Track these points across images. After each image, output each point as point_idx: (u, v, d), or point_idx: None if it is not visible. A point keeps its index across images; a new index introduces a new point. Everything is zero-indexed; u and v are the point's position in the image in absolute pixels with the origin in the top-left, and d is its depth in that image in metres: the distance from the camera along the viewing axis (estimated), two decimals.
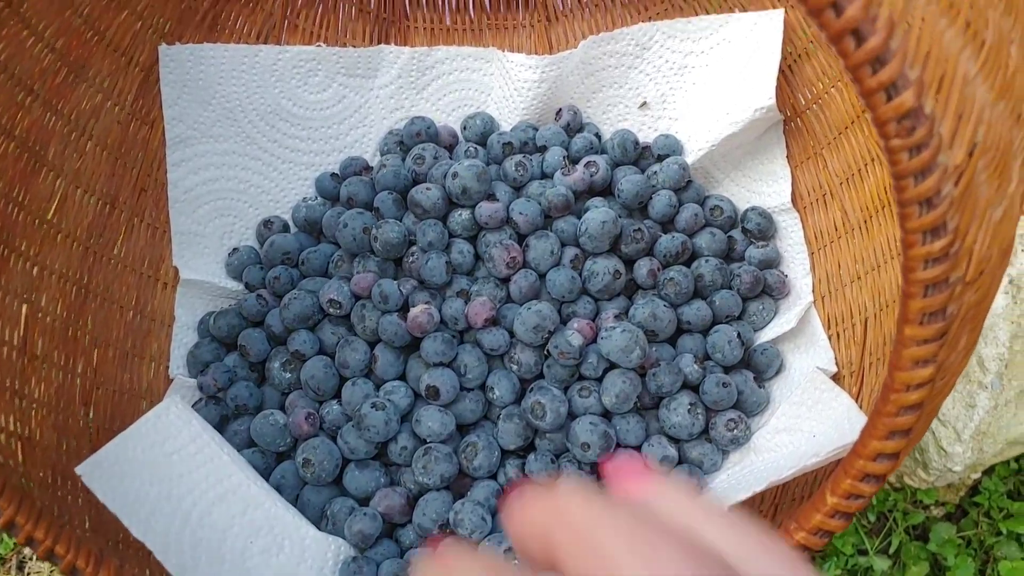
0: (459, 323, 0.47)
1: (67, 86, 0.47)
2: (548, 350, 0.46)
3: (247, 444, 0.49)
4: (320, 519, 0.46)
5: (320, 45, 0.55)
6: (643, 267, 0.50)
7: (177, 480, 0.42)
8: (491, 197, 0.50)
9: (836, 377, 0.45)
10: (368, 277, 0.48)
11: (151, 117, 0.52)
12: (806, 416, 0.43)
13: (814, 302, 0.48)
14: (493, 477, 0.46)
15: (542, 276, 0.49)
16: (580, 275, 0.49)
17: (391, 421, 0.45)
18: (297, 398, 0.50)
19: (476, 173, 0.49)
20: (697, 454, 0.46)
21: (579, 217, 0.50)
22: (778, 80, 0.49)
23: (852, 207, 0.47)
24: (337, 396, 0.49)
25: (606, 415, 0.46)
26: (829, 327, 0.47)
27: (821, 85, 0.49)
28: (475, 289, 0.49)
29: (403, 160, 0.55)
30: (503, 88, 0.56)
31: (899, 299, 0.27)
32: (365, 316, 0.48)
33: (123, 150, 0.51)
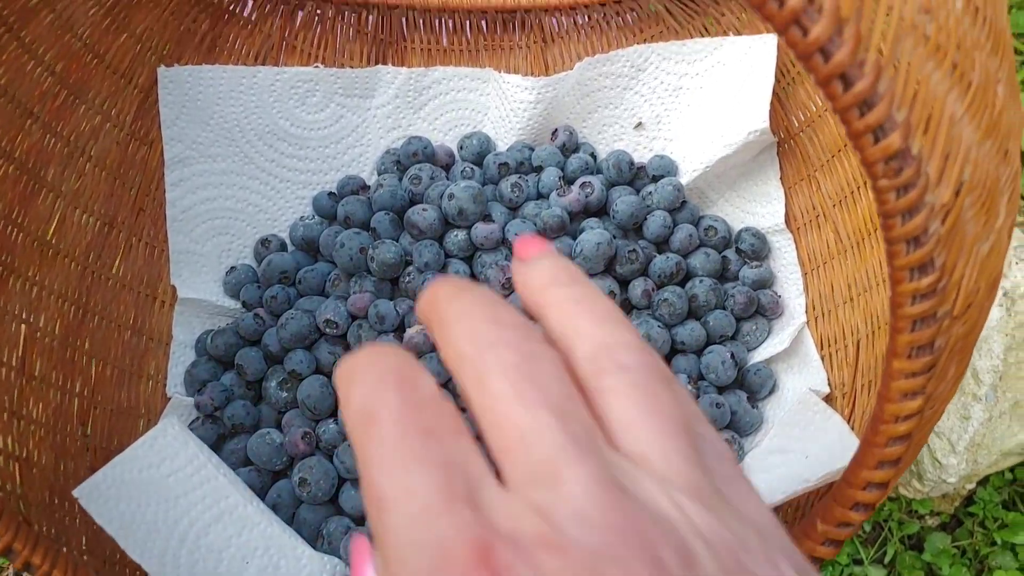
0: None
1: (67, 108, 0.48)
2: None
3: (243, 463, 0.49)
4: (316, 538, 0.46)
5: (318, 66, 0.56)
6: (638, 287, 0.50)
7: (174, 501, 0.42)
8: (487, 218, 0.51)
9: (829, 398, 0.45)
10: (365, 297, 0.49)
11: (150, 138, 0.53)
12: (799, 437, 0.43)
13: (807, 323, 0.49)
14: None
15: None
16: None
17: None
18: (293, 417, 0.50)
19: (472, 194, 0.49)
20: None
21: (574, 238, 0.50)
22: (772, 103, 0.49)
23: (844, 229, 0.48)
24: (333, 415, 0.49)
25: None
26: (822, 348, 0.48)
27: (814, 108, 0.50)
28: None
29: (400, 180, 0.55)
30: (499, 108, 0.56)
31: (888, 332, 0.28)
32: (362, 336, 0.49)
33: (122, 170, 0.51)
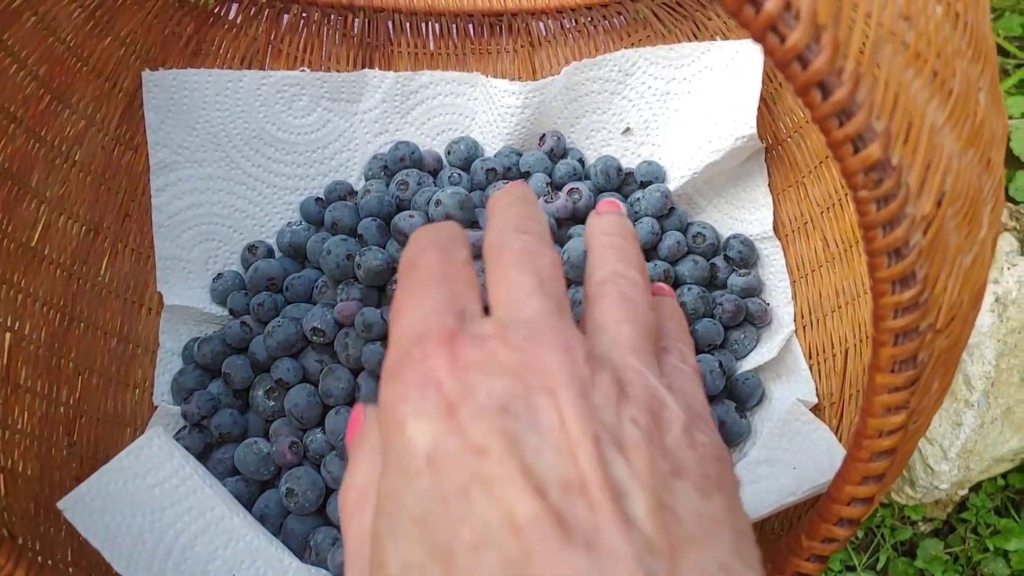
0: None
1: (50, 113, 0.47)
2: None
3: (231, 472, 0.49)
4: (304, 549, 0.46)
5: (304, 70, 0.55)
6: None
7: (159, 513, 0.42)
8: (474, 224, 0.50)
9: (817, 408, 0.45)
10: (352, 305, 0.48)
11: (135, 142, 0.52)
12: (786, 449, 0.43)
13: (795, 331, 0.49)
14: None
15: None
16: None
17: None
18: (281, 426, 0.49)
19: (459, 201, 0.49)
20: None
21: (562, 244, 0.50)
22: (759, 108, 0.49)
23: (833, 237, 0.47)
24: (320, 424, 0.49)
25: None
26: (810, 357, 0.47)
27: (801, 114, 0.50)
28: None
29: (387, 185, 0.55)
30: (487, 113, 0.56)
31: (871, 346, 0.27)
32: (348, 344, 0.48)
33: (107, 176, 0.51)
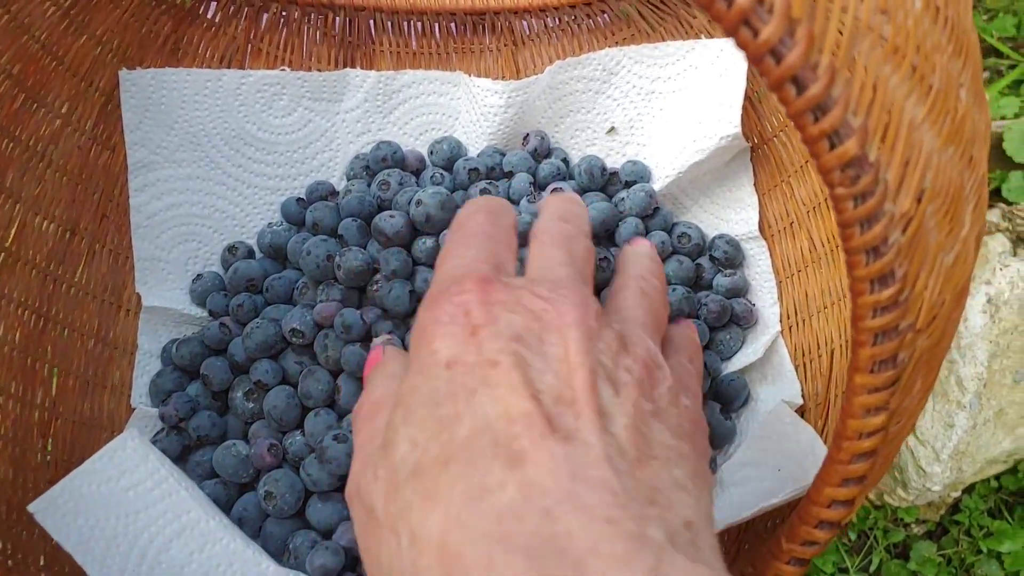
0: None
1: (25, 112, 0.46)
2: None
3: (209, 475, 0.48)
4: (283, 553, 0.45)
5: (284, 69, 0.55)
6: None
7: (134, 516, 0.41)
8: None
9: (802, 409, 0.45)
10: (331, 306, 0.48)
11: (112, 142, 0.52)
12: (771, 450, 0.42)
13: (781, 332, 0.48)
14: None
15: None
16: None
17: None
18: (260, 428, 0.49)
19: (440, 200, 0.48)
20: None
21: None
22: (745, 107, 0.49)
23: (819, 236, 0.47)
24: (300, 427, 0.48)
25: None
26: (796, 358, 0.47)
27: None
28: None
29: (369, 185, 0.54)
30: (470, 113, 0.55)
31: (851, 346, 0.27)
32: (328, 346, 0.48)
33: (84, 176, 0.50)
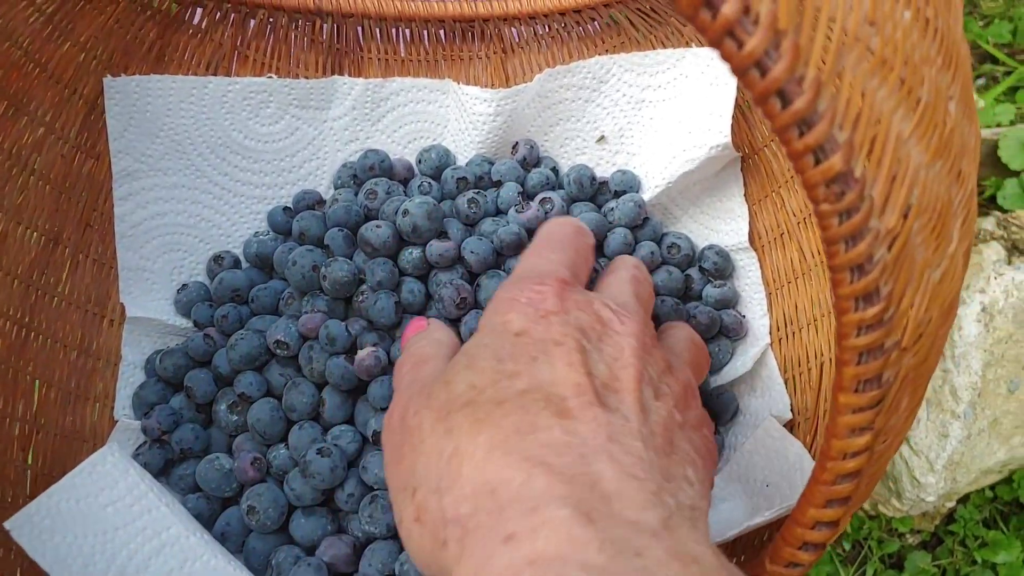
0: None
1: (7, 120, 0.46)
2: None
3: (192, 489, 0.47)
4: (265, 569, 0.45)
5: (271, 76, 0.54)
6: None
7: (112, 533, 0.40)
8: (443, 235, 0.49)
9: (791, 423, 0.44)
10: (316, 317, 0.47)
11: (96, 150, 0.51)
12: (760, 466, 0.42)
13: (771, 344, 0.47)
14: None
15: None
16: None
17: (337, 468, 0.44)
18: (244, 441, 0.48)
19: (427, 211, 0.48)
20: None
21: None
22: (736, 117, 0.48)
23: (810, 248, 0.46)
24: (284, 440, 0.47)
25: None
26: (785, 371, 0.46)
27: None
28: None
29: (356, 194, 0.53)
30: (459, 121, 0.55)
31: (835, 364, 0.26)
32: (312, 358, 0.47)
33: (67, 184, 0.50)
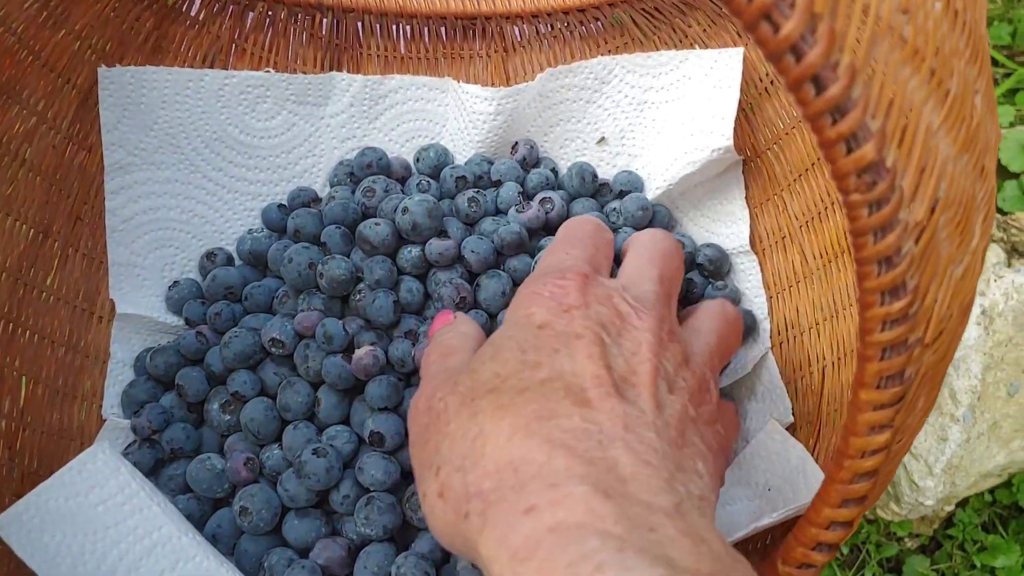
0: (406, 365, 0.45)
1: None
2: None
3: (183, 490, 0.46)
4: (258, 571, 0.44)
5: (269, 71, 0.53)
6: None
7: (103, 532, 0.39)
8: (442, 234, 0.48)
9: (793, 428, 0.44)
10: (313, 316, 0.46)
11: (89, 142, 0.50)
12: (761, 469, 0.41)
13: (771, 348, 0.47)
14: None
15: (493, 317, 0.47)
16: None
17: (333, 468, 0.43)
18: (236, 441, 0.47)
19: (427, 209, 0.47)
20: None
21: (533, 256, 0.49)
22: (738, 119, 0.48)
23: (811, 251, 0.46)
24: (278, 440, 0.46)
25: None
26: (786, 375, 0.46)
27: (781, 125, 0.48)
28: (423, 330, 0.47)
29: (353, 192, 0.53)
30: (458, 120, 0.54)
31: (856, 360, 0.26)
32: (308, 357, 0.46)
33: (58, 176, 0.49)
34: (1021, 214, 0.66)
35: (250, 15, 0.54)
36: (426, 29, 0.56)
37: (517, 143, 0.54)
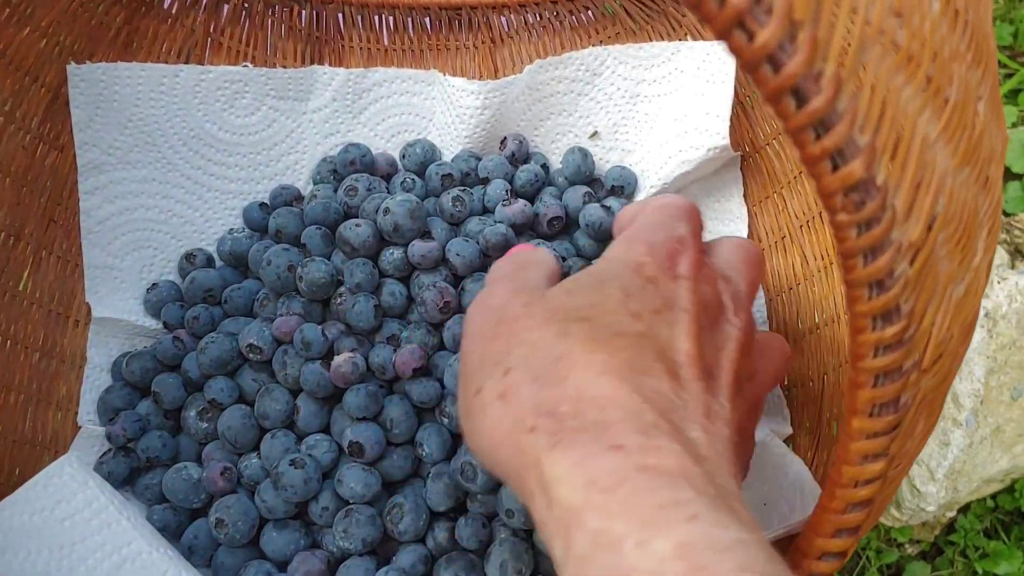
0: (387, 372, 0.44)
1: None
2: None
3: (159, 500, 0.45)
4: None
5: (247, 65, 0.51)
6: None
7: (69, 548, 0.38)
8: (426, 235, 0.47)
9: (792, 436, 0.42)
10: (291, 321, 0.45)
11: (60, 142, 0.48)
12: (758, 483, 0.39)
13: None
14: (421, 541, 0.43)
15: None
16: None
17: (311, 480, 0.42)
18: (214, 450, 0.46)
19: (409, 209, 0.45)
20: None
21: None
22: (735, 114, 0.46)
23: (812, 252, 0.44)
24: (256, 449, 0.45)
25: None
26: (785, 382, 0.44)
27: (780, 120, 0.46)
28: (405, 336, 0.45)
29: (336, 190, 0.51)
30: (445, 114, 0.52)
31: (847, 385, 0.24)
32: (287, 363, 0.44)
33: (29, 177, 0.47)
34: None
35: (225, 7, 0.52)
36: (410, 20, 0.54)
37: (506, 138, 0.52)
